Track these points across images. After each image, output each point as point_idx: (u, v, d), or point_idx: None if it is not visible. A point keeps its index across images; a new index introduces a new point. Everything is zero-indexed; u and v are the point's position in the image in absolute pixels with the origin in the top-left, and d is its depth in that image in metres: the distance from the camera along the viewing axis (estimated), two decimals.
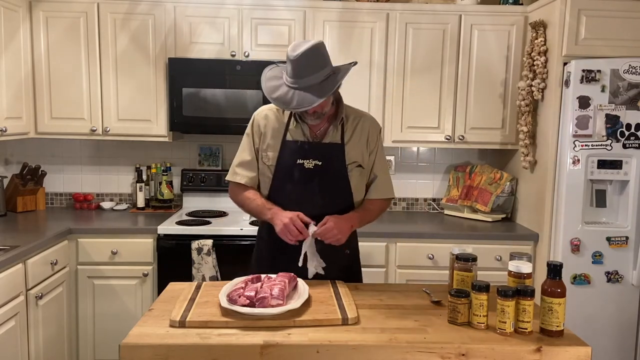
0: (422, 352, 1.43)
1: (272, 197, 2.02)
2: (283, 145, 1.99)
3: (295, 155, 1.97)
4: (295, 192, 1.97)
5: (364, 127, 2.04)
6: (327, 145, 1.98)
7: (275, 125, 2.02)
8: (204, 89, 3.11)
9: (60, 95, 3.14)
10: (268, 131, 2.02)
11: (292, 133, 1.99)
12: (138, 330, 1.50)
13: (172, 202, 3.48)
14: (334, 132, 1.99)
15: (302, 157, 1.97)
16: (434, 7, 3.19)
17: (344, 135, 2.00)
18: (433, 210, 3.64)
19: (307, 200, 1.96)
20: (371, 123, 2.07)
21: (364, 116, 2.08)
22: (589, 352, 1.44)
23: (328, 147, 1.98)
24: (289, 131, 1.99)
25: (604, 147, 2.75)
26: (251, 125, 2.06)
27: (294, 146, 1.98)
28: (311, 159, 1.96)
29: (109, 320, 2.94)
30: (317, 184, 1.97)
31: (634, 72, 2.70)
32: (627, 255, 2.79)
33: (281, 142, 1.99)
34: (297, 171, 1.97)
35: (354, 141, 2.01)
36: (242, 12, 3.13)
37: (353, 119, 2.04)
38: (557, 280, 1.51)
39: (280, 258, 1.99)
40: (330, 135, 1.99)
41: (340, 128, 2.00)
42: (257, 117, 2.06)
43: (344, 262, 2.07)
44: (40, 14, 3.08)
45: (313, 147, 1.97)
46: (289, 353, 1.42)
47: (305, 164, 1.96)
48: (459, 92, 3.22)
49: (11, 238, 2.65)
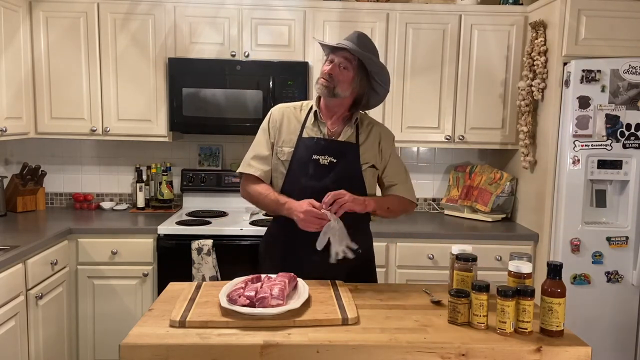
0: (422, 352, 1.43)
1: (286, 191, 2.02)
2: (299, 141, 2.02)
3: (310, 151, 2.00)
4: (310, 187, 1.97)
5: (377, 132, 2.10)
6: (342, 143, 2.02)
7: (293, 121, 2.06)
8: (204, 89, 3.11)
9: (60, 95, 3.14)
10: (284, 127, 2.05)
11: (309, 130, 2.03)
12: (138, 330, 1.50)
13: (172, 202, 3.48)
14: (349, 133, 2.03)
15: (317, 153, 1.99)
16: (433, 7, 3.19)
17: (358, 137, 2.04)
18: (433, 210, 3.64)
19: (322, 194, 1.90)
20: (384, 130, 2.14)
21: (378, 124, 2.15)
22: (589, 352, 1.44)
23: (343, 145, 2.02)
24: (305, 128, 2.03)
25: (604, 147, 2.75)
26: (268, 120, 2.09)
27: (310, 142, 2.01)
28: (326, 155, 1.99)
29: (109, 320, 2.94)
30: (332, 180, 1.98)
31: (634, 72, 2.70)
32: (627, 255, 2.79)
33: (297, 138, 2.02)
34: (312, 166, 1.99)
35: (368, 144, 2.05)
36: (242, 12, 3.13)
37: (367, 124, 2.10)
38: (557, 280, 1.51)
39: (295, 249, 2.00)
40: (345, 135, 2.03)
41: (355, 129, 2.04)
42: (275, 112, 2.10)
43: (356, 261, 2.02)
44: (40, 14, 3.08)
45: (329, 144, 2.01)
46: (289, 353, 1.42)
47: (321, 159, 1.99)
48: (459, 92, 3.22)
49: (11, 238, 2.64)
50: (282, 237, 2.07)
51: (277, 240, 2.11)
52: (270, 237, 2.17)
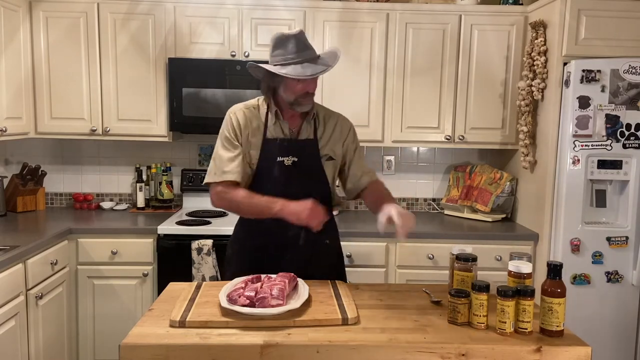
0: (422, 352, 1.43)
1: None
2: (264, 143, 2.01)
3: (274, 153, 2.00)
4: (276, 190, 1.97)
5: (334, 123, 2.10)
6: (302, 141, 2.04)
7: (255, 123, 2.03)
8: (204, 89, 3.11)
9: (60, 95, 3.14)
10: (248, 129, 2.02)
11: (272, 131, 2.02)
12: (138, 330, 1.50)
13: (172, 202, 3.48)
14: (308, 128, 2.04)
15: (281, 154, 2.00)
16: (433, 7, 3.19)
17: (316, 131, 2.06)
18: (433, 210, 3.64)
19: (288, 197, 1.92)
20: (340, 119, 2.12)
21: (334, 114, 2.14)
22: (589, 352, 1.44)
23: (303, 143, 2.03)
24: (268, 129, 2.02)
25: (604, 147, 2.75)
26: (229, 124, 2.01)
27: (274, 144, 2.01)
28: (290, 156, 2.00)
29: (109, 320, 2.94)
30: (296, 179, 2.00)
31: (634, 72, 2.70)
32: (627, 255, 2.79)
33: (262, 140, 2.01)
34: (278, 168, 2.00)
35: (326, 136, 2.07)
36: (242, 12, 3.13)
37: (324, 116, 2.10)
38: (557, 280, 1.51)
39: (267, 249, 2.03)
40: (305, 132, 2.04)
41: (312, 124, 2.05)
42: (234, 115, 2.03)
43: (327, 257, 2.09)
44: (40, 14, 3.08)
45: (291, 144, 2.02)
46: (289, 353, 1.42)
47: (285, 161, 2.00)
48: (459, 92, 3.22)
49: (11, 238, 2.64)
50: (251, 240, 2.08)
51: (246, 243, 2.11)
52: (238, 241, 2.15)
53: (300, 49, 1.89)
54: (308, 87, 1.93)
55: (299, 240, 1.96)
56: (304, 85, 1.92)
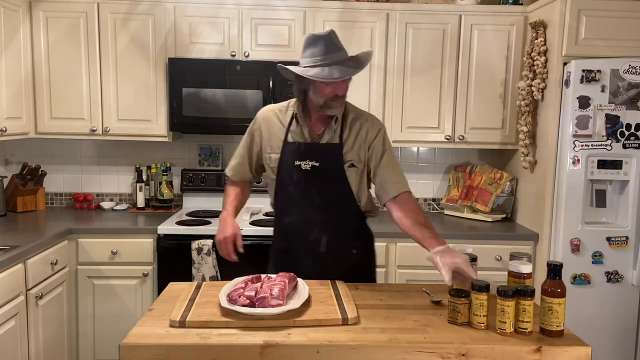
0: (422, 352, 1.42)
1: (278, 198, 2.05)
2: (284, 147, 1.99)
3: (293, 157, 1.97)
4: (296, 194, 1.98)
5: (361, 125, 1.99)
6: (324, 145, 1.97)
7: (278, 126, 2.02)
8: (204, 89, 3.11)
9: (60, 95, 3.14)
10: (269, 132, 2.02)
11: (293, 134, 1.99)
12: (138, 330, 1.50)
13: (172, 202, 3.48)
14: (332, 132, 1.97)
15: (299, 158, 1.96)
16: (433, 7, 3.19)
17: (342, 134, 1.97)
18: (433, 210, 3.64)
19: (307, 202, 1.97)
20: (369, 121, 2.01)
21: (364, 115, 2.03)
22: (589, 352, 1.44)
23: (325, 148, 1.97)
24: (290, 132, 1.99)
25: (604, 147, 2.74)
26: (252, 124, 2.09)
27: (292, 148, 1.98)
28: (308, 160, 1.96)
29: (109, 320, 2.94)
30: (315, 185, 1.96)
31: (634, 72, 2.70)
32: (627, 255, 2.79)
33: (282, 143, 1.99)
34: (296, 173, 1.97)
35: (351, 139, 1.97)
36: (242, 12, 3.13)
37: (352, 118, 1.99)
38: (557, 280, 1.51)
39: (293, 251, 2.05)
40: (328, 136, 1.97)
41: (339, 127, 1.97)
42: (260, 117, 2.07)
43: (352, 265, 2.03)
44: (40, 14, 3.08)
45: (310, 148, 1.96)
46: (289, 353, 1.42)
47: (302, 165, 1.96)
48: (459, 92, 3.22)
49: (11, 238, 2.64)
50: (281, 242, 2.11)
51: (274, 246, 2.16)
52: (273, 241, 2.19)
53: (330, 50, 1.84)
54: (337, 90, 1.87)
55: (319, 247, 1.98)
56: (333, 87, 1.86)
